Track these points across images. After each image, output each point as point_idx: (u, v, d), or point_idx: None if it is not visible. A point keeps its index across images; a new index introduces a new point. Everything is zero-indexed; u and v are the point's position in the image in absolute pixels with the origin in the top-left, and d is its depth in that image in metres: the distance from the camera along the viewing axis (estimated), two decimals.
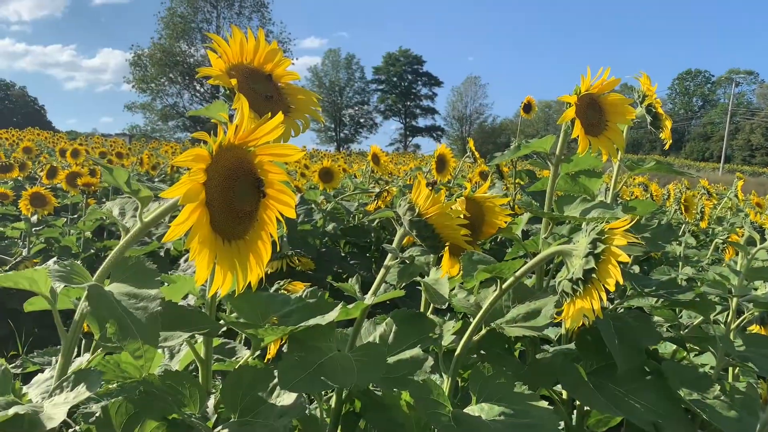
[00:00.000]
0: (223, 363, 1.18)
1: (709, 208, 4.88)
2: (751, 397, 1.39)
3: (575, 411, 1.68)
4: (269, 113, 0.80)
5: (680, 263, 3.14)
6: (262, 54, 1.08)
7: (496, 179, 4.23)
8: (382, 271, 1.12)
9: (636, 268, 3.30)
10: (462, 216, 1.18)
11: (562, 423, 1.70)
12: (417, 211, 1.07)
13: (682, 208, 3.96)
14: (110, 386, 0.99)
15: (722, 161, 56.02)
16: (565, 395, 1.62)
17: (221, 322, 1.05)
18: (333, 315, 1.04)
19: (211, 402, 1.02)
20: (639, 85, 1.55)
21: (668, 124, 1.49)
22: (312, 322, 1.02)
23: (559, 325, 1.73)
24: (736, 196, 4.89)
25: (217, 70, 1.00)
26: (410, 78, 78.53)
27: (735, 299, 1.70)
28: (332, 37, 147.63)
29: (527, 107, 4.22)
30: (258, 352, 1.24)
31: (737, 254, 2.53)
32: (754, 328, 1.93)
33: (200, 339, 1.09)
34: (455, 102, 79.34)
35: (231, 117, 0.94)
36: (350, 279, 1.22)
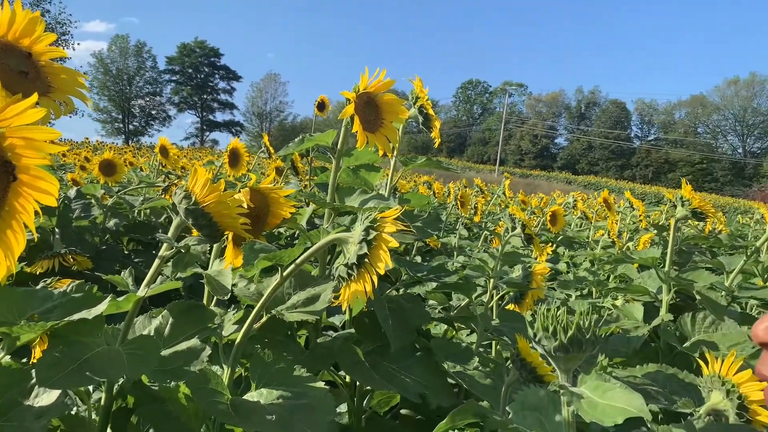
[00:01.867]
0: None
1: (481, 204, 5.42)
2: (502, 366, 1.59)
3: (363, 395, 1.78)
4: (22, 92, 0.74)
5: (455, 253, 3.46)
6: (19, 27, 0.99)
7: (291, 175, 4.28)
8: (157, 261, 1.09)
9: (418, 258, 3.57)
10: (243, 205, 1.19)
11: (344, 405, 1.79)
12: (193, 199, 1.06)
13: (459, 204, 4.36)
14: None
15: (498, 164, 62.23)
16: (348, 379, 1.70)
17: None
18: (101, 308, 0.98)
19: None
20: (413, 87, 1.68)
21: (437, 124, 1.63)
22: (77, 316, 0.96)
23: (341, 311, 1.81)
24: (503, 193, 5.49)
25: None
26: (207, 70, 75.72)
27: (492, 280, 1.92)
28: (120, 22, 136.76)
29: (321, 106, 4.32)
30: (22, 357, 1.13)
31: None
32: (511, 307, 2.20)
33: None
34: (255, 98, 78.28)
35: None
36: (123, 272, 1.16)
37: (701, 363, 1.49)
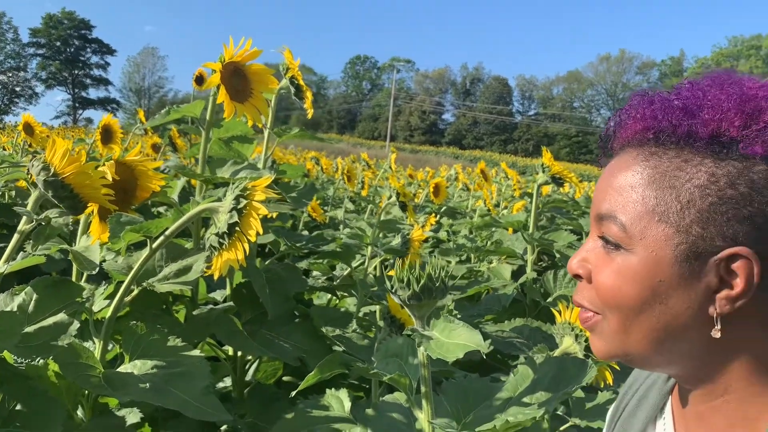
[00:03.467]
0: None
1: (368, 179, 5.51)
2: (379, 325, 1.67)
3: (245, 366, 1.80)
4: None
5: (342, 226, 3.52)
6: None
7: (170, 151, 4.15)
8: (16, 236, 1.06)
9: (306, 233, 3.60)
10: (108, 177, 1.17)
11: (229, 380, 1.81)
12: (52, 170, 1.03)
13: (346, 179, 4.41)
14: None
15: (388, 140, 62.95)
16: (231, 352, 1.72)
17: None
18: None
19: None
20: (283, 59, 1.69)
21: (309, 95, 1.66)
22: None
23: (223, 287, 1.81)
24: (390, 167, 5.61)
25: None
26: (77, 44, 70.35)
27: (370, 247, 1.99)
28: None
29: (199, 80, 4.18)
30: None
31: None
32: (392, 272, 2.29)
33: None
34: (132, 73, 73.98)
35: None
36: None
37: (556, 313, 1.64)
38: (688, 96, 0.66)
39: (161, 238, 1.20)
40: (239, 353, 1.67)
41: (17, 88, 66.97)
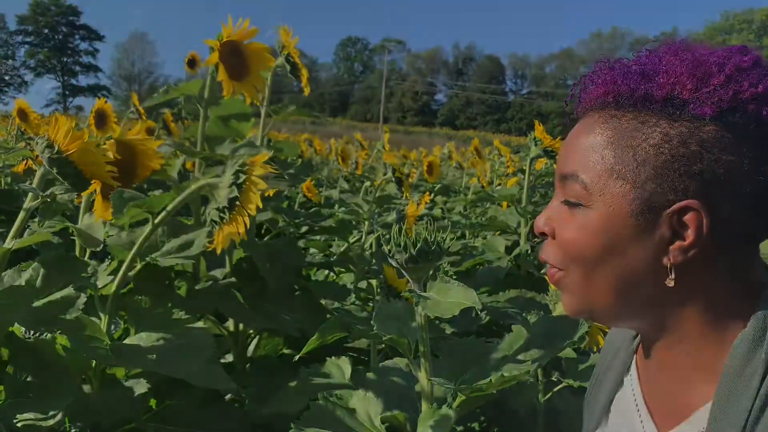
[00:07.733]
0: None
1: (362, 159, 5.54)
2: (377, 300, 1.71)
3: (246, 341, 1.83)
4: None
5: (337, 205, 3.56)
6: None
7: (164, 135, 4.16)
8: (22, 213, 1.08)
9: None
10: (109, 156, 1.19)
11: (230, 355, 1.85)
12: (56, 148, 1.05)
13: (340, 160, 4.44)
14: None
15: (381, 122, 62.68)
16: (232, 327, 1.76)
17: None
18: None
19: None
20: (280, 37, 1.71)
21: (305, 72, 1.68)
22: None
23: (223, 266, 1.85)
24: (383, 147, 5.63)
25: None
26: (65, 30, 69.44)
27: (366, 222, 2.03)
28: None
29: (192, 63, 4.19)
30: None
31: None
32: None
33: None
34: (121, 60, 73.19)
35: None
36: None
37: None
38: (646, 62, 0.70)
39: (163, 213, 1.23)
40: (240, 328, 1.70)
41: (6, 77, 66.30)
